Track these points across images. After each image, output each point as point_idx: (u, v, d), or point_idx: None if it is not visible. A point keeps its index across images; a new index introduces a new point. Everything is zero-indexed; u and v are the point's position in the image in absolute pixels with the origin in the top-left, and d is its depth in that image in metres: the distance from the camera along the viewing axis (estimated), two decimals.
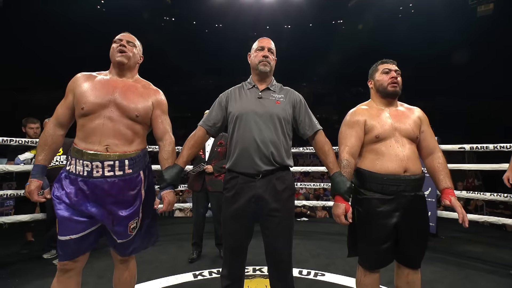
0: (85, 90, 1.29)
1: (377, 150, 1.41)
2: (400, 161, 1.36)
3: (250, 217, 1.42)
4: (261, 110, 1.41)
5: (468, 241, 3.33)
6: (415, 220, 1.38)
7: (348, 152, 1.41)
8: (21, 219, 2.98)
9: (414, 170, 1.38)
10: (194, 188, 2.73)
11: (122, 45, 1.36)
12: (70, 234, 1.24)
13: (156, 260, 2.61)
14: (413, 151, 1.41)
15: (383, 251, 1.37)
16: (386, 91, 1.47)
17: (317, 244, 3.18)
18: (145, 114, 1.37)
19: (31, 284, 2.16)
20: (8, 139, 2.80)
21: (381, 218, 1.37)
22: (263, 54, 1.47)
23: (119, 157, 1.27)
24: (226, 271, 1.45)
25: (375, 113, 1.46)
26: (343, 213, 1.33)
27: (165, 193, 1.34)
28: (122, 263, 1.45)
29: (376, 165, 1.39)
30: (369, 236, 1.40)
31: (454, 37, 11.19)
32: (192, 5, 13.65)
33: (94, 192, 1.25)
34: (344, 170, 1.38)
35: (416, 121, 1.45)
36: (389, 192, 1.36)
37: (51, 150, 1.31)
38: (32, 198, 1.27)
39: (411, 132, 1.42)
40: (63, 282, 1.28)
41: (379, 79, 1.50)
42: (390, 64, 1.51)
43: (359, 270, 1.49)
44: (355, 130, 1.44)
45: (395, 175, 1.36)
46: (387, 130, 1.40)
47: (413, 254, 1.42)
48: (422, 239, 1.42)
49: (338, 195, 1.34)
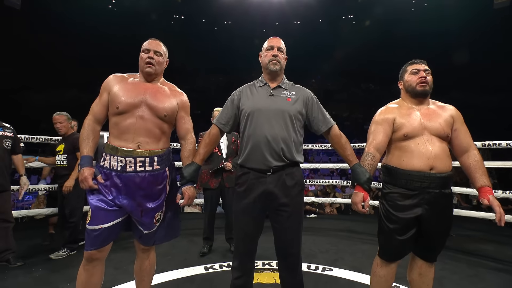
0: (119, 91, 1.41)
1: (405, 147, 1.43)
2: (427, 159, 1.38)
3: (261, 211, 1.47)
4: (272, 107, 1.45)
5: (479, 240, 3.29)
6: (439, 216, 1.40)
7: (374, 146, 1.45)
8: (41, 212, 3.14)
9: (441, 168, 1.38)
10: (211, 185, 2.79)
11: (150, 57, 1.45)
12: (100, 223, 1.35)
13: (168, 253, 2.71)
14: (443, 149, 1.41)
15: (400, 244, 1.42)
16: (415, 91, 1.48)
17: (326, 240, 3.22)
18: (172, 114, 1.49)
19: (56, 273, 2.29)
20: (30, 136, 2.94)
21: (400, 211, 1.40)
22: (273, 54, 1.51)
23: (150, 154, 1.40)
24: (236, 263, 1.51)
25: (405, 111, 1.48)
26: (361, 201, 1.37)
27: (186, 189, 1.44)
28: (143, 252, 1.57)
29: (402, 162, 1.42)
30: (388, 228, 1.44)
31: (469, 31, 10.86)
32: (201, 2, 13.73)
33: (126, 185, 1.37)
34: (366, 162, 1.42)
35: (447, 120, 1.45)
36: (413, 187, 1.39)
37: (93, 143, 1.44)
38: (87, 183, 1.35)
39: (441, 131, 1.42)
40: (88, 271, 1.38)
41: (408, 80, 1.51)
42: (419, 64, 1.51)
43: (375, 261, 1.53)
44: (383, 127, 1.47)
45: (420, 172, 1.38)
46: (416, 128, 1.42)
47: (432, 248, 1.46)
48: (443, 234, 1.45)
49: (358, 184, 1.40)
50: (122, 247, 2.80)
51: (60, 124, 2.78)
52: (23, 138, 2.93)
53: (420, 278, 1.47)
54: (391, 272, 1.48)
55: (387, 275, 1.47)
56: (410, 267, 1.54)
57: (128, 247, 2.79)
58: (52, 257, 2.61)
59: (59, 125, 2.78)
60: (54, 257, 2.62)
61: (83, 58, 13.06)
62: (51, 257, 2.61)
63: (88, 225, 1.36)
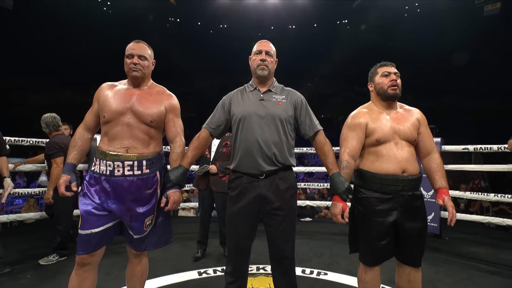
0: (107, 100, 1.43)
1: (377, 152, 1.45)
2: (399, 162, 1.41)
3: (254, 215, 1.46)
4: (263, 112, 1.45)
5: (472, 242, 3.32)
6: (413, 217, 1.42)
7: (349, 153, 1.45)
8: (30, 217, 3.07)
9: (412, 171, 1.42)
10: (200, 187, 2.78)
11: (134, 63, 1.44)
12: (91, 228, 1.33)
13: (161, 258, 2.67)
14: (411, 153, 1.46)
15: (382, 248, 1.42)
16: (386, 94, 1.49)
17: (320, 243, 3.21)
18: (159, 119, 1.47)
19: (44, 280, 2.23)
20: (20, 139, 2.88)
21: (379, 216, 1.41)
22: (261, 58, 1.49)
23: (138, 158, 1.38)
24: (230, 268, 1.50)
25: (376, 116, 1.50)
26: (340, 212, 1.37)
27: (171, 193, 1.40)
28: (135, 258, 1.54)
29: (375, 166, 1.44)
30: (368, 233, 1.44)
31: (461, 37, 11.09)
32: (197, 6, 13.75)
33: (115, 190, 1.36)
34: (343, 171, 1.41)
35: (414, 124, 1.49)
36: (388, 191, 1.41)
37: (80, 151, 1.46)
38: (59, 190, 1.39)
39: (410, 135, 1.46)
40: (80, 275, 1.36)
41: (379, 82, 1.52)
42: (389, 66, 1.53)
43: (360, 267, 1.52)
44: (356, 133, 1.47)
45: (394, 176, 1.40)
46: (387, 133, 1.44)
47: (412, 252, 1.45)
48: (420, 236, 1.45)
49: (336, 194, 1.39)
50: (113, 251, 2.75)
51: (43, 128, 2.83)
52: (13, 140, 2.87)
53: (409, 284, 1.47)
54: (377, 275, 1.48)
55: (373, 279, 1.47)
56: (398, 274, 1.53)
57: (120, 251, 2.74)
58: (42, 263, 2.54)
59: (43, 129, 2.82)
60: (43, 262, 2.55)
61: (78, 59, 12.95)
62: (40, 262, 2.54)
63: (79, 230, 1.35)
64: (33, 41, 12.25)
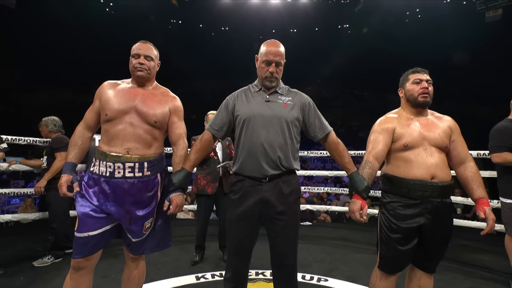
0: (109, 98, 1.39)
1: (405, 157, 1.41)
2: (428, 168, 1.36)
3: (256, 219, 1.42)
4: (269, 114, 1.40)
5: (475, 249, 3.27)
6: (440, 225, 1.38)
7: (374, 155, 1.42)
8: (26, 217, 3.02)
9: (442, 177, 1.37)
10: (209, 191, 2.65)
11: (140, 63, 1.42)
12: (88, 231, 1.29)
13: (159, 261, 2.62)
14: (442, 160, 1.41)
15: (402, 253, 1.38)
16: (416, 102, 1.46)
17: (320, 248, 3.16)
18: (163, 120, 1.44)
19: (38, 282, 2.18)
20: (17, 138, 2.85)
21: (403, 220, 1.37)
22: (270, 70, 1.42)
23: (139, 160, 1.35)
24: (230, 274, 1.45)
25: (405, 122, 1.47)
26: (359, 209, 1.33)
27: (174, 196, 1.36)
28: (133, 262, 1.51)
29: (403, 171, 1.40)
30: (389, 238, 1.40)
31: (462, 42, 11.13)
32: (199, 8, 13.80)
33: (115, 192, 1.32)
34: (364, 170, 1.39)
35: (446, 131, 1.45)
36: (415, 196, 1.37)
37: (80, 150, 1.42)
38: (61, 191, 1.35)
39: (440, 142, 1.41)
40: (75, 280, 1.32)
41: (409, 89, 1.49)
42: (422, 73, 1.49)
43: (374, 274, 1.48)
44: (383, 136, 1.45)
45: (422, 181, 1.36)
46: (416, 139, 1.41)
47: (431, 258, 1.42)
48: (443, 244, 1.42)
49: (356, 193, 1.36)
50: (110, 254, 2.70)
51: (40, 129, 2.85)
52: (10, 139, 2.83)
53: None
54: (391, 285, 1.44)
55: (387, 287, 1.43)
56: (408, 278, 1.50)
57: (116, 254, 2.69)
58: (36, 265, 2.49)
59: (40, 129, 2.86)
60: (37, 264, 2.49)
61: (78, 59, 12.96)
62: (35, 264, 2.49)
63: (76, 233, 1.31)
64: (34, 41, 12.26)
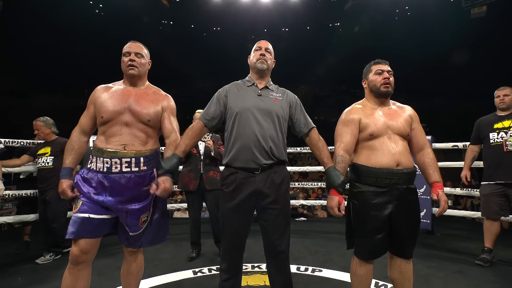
0: (104, 101, 1.44)
1: (371, 146, 1.48)
2: (393, 155, 1.44)
3: (249, 211, 1.48)
4: (262, 107, 1.48)
5: (463, 238, 3.39)
6: (408, 210, 1.45)
7: (343, 148, 1.48)
8: (22, 219, 3.01)
9: (406, 164, 1.45)
10: (190, 188, 2.67)
11: (131, 60, 1.47)
12: (90, 212, 1.33)
13: (156, 258, 2.65)
14: (404, 147, 1.49)
15: (378, 242, 1.44)
16: (379, 91, 1.54)
17: (314, 242, 3.23)
18: (156, 118, 1.50)
19: (35, 282, 2.20)
20: (10, 140, 2.84)
21: (375, 209, 1.43)
22: (261, 53, 1.56)
23: (135, 155, 1.40)
24: (225, 265, 1.50)
25: (369, 112, 1.54)
26: (337, 205, 1.39)
27: (162, 179, 1.36)
28: (131, 255, 1.54)
29: (370, 160, 1.46)
30: (364, 227, 1.46)
31: (450, 39, 11.35)
32: (190, 8, 13.74)
33: (112, 186, 1.37)
34: (338, 165, 1.45)
35: (407, 119, 1.53)
36: (383, 184, 1.43)
37: (76, 154, 1.47)
38: (66, 195, 1.40)
39: (403, 130, 1.49)
40: (74, 274, 1.34)
41: (372, 80, 1.56)
42: (383, 64, 1.57)
43: (353, 261, 1.54)
44: (350, 128, 1.51)
45: (388, 169, 1.42)
46: (380, 128, 1.47)
47: (405, 244, 1.48)
48: (414, 229, 1.48)
49: (332, 188, 1.41)
50: (107, 253, 2.72)
51: (38, 131, 2.80)
52: (3, 142, 2.82)
53: (401, 275, 1.50)
54: (370, 269, 1.51)
55: (366, 273, 1.49)
56: (390, 266, 1.56)
57: (113, 253, 2.71)
58: (39, 262, 2.57)
59: (37, 132, 2.81)
60: (40, 262, 2.58)
61: (69, 62, 12.79)
62: (38, 262, 2.57)
63: (76, 212, 1.33)
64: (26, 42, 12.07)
